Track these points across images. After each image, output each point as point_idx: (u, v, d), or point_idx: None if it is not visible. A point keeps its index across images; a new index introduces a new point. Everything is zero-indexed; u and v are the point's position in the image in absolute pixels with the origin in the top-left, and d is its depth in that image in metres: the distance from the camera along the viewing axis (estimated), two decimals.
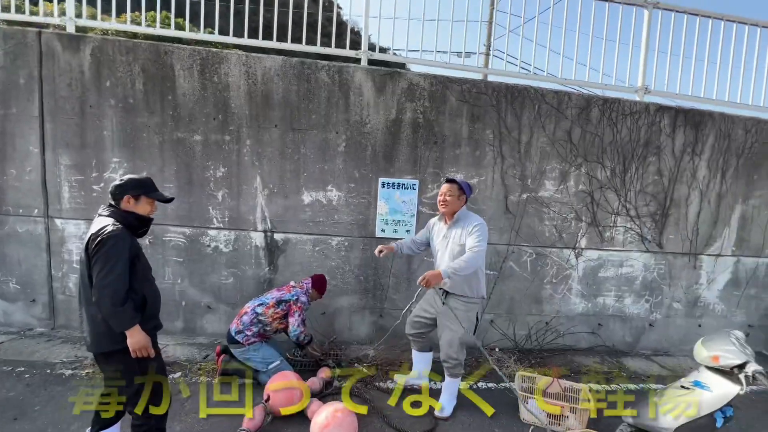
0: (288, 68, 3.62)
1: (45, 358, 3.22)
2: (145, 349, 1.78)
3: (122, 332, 1.75)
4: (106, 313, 1.71)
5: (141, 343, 1.76)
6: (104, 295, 1.68)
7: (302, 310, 3.07)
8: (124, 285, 1.73)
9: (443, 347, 2.73)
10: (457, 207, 2.67)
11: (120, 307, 1.70)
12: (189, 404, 2.70)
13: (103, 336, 1.77)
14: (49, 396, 2.70)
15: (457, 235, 2.64)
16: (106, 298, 1.68)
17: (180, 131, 3.63)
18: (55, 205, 3.66)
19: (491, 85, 3.82)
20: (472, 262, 2.44)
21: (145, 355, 1.79)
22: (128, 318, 1.72)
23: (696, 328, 4.42)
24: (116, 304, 1.69)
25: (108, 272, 1.69)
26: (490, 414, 2.31)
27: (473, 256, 2.45)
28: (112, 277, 1.69)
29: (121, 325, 1.72)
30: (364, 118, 3.72)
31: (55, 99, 3.54)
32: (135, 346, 1.75)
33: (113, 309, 1.68)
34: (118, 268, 1.71)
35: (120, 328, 1.73)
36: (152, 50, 3.55)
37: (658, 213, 4.16)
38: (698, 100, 4.26)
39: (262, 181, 3.72)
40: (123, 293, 1.72)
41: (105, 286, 1.68)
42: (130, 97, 3.57)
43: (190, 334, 3.86)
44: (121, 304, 1.70)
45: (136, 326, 1.75)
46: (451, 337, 2.67)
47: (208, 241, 3.77)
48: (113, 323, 1.72)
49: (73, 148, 3.60)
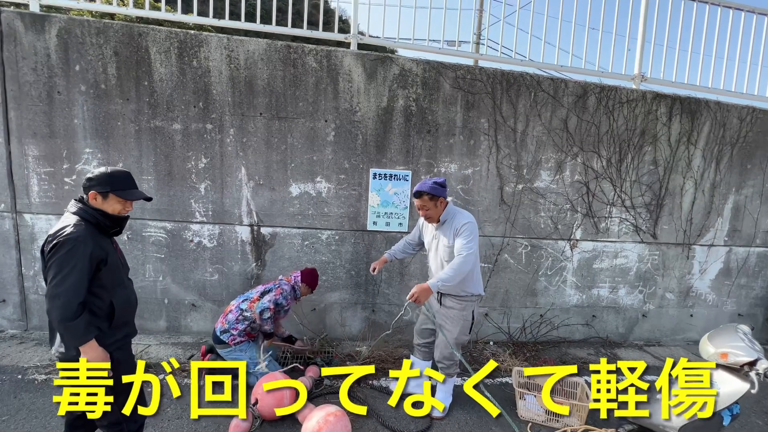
0: (273, 52, 3.42)
1: (16, 363, 3.02)
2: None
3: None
4: (56, 327, 1.53)
5: (95, 361, 1.58)
6: (54, 307, 1.50)
7: (280, 294, 2.87)
8: (78, 296, 1.53)
9: (438, 347, 2.65)
10: (440, 212, 2.49)
11: (71, 321, 1.51)
12: (171, 410, 2.55)
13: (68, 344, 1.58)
14: (19, 404, 2.52)
15: (445, 235, 2.51)
16: (56, 311, 1.49)
17: (158, 119, 3.40)
18: (24, 200, 3.41)
19: (486, 71, 3.67)
20: (460, 269, 2.30)
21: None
22: (80, 333, 1.53)
23: (688, 317, 4.43)
24: (67, 318, 1.50)
25: (60, 281, 1.50)
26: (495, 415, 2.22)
27: (461, 262, 2.30)
28: (63, 287, 1.50)
29: (72, 341, 1.54)
30: (354, 105, 3.55)
31: (19, 84, 3.27)
32: (89, 363, 1.57)
33: (63, 324, 1.50)
34: (72, 277, 1.52)
35: (71, 344, 1.55)
36: (125, 32, 3.29)
37: (652, 203, 4.11)
38: (694, 89, 4.20)
39: (247, 173, 3.53)
40: (76, 305, 1.52)
41: (55, 297, 1.50)
42: (102, 83, 3.32)
43: (174, 333, 3.69)
44: (72, 317, 1.51)
45: (90, 342, 1.56)
46: (445, 337, 2.58)
47: (190, 236, 3.58)
48: (63, 338, 1.55)
49: (41, 138, 3.34)
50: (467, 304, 2.56)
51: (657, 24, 4.05)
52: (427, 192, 2.39)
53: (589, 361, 3.75)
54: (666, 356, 4.01)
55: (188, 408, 2.55)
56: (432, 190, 2.40)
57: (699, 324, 4.45)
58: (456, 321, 2.55)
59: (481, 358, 3.63)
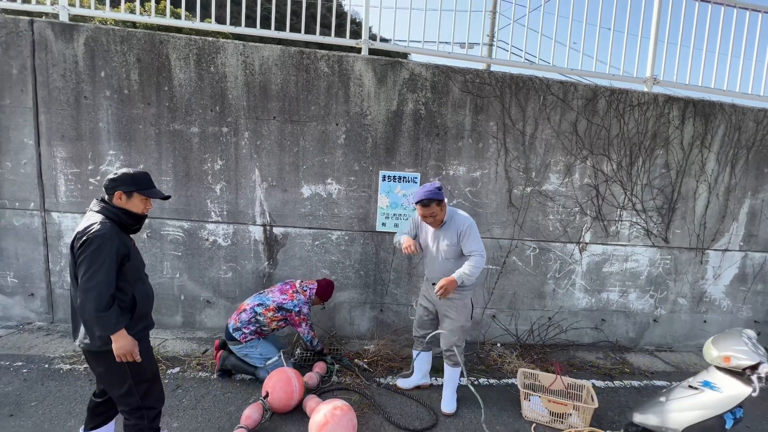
0: (286, 58, 3.53)
1: (43, 353, 3.20)
2: (130, 354, 1.70)
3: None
4: (89, 318, 1.64)
5: (126, 348, 1.69)
6: (88, 299, 1.61)
7: (306, 320, 3.05)
8: (109, 288, 1.65)
9: (445, 336, 2.73)
10: (444, 215, 2.61)
11: (104, 312, 1.62)
12: (186, 400, 2.67)
13: (92, 335, 1.70)
14: (46, 391, 2.67)
15: (446, 235, 2.63)
16: (90, 303, 1.61)
17: (177, 123, 3.55)
18: (52, 199, 3.61)
19: (495, 75, 3.71)
20: (479, 264, 2.52)
21: (130, 360, 1.72)
22: (113, 323, 1.65)
23: (701, 323, 4.36)
24: (100, 309, 1.62)
25: (92, 275, 1.62)
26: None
27: (480, 260, 2.53)
28: (96, 280, 1.62)
29: (105, 330, 1.65)
30: (364, 109, 3.64)
31: (49, 90, 3.47)
32: (119, 351, 1.68)
33: (97, 314, 1.61)
34: (103, 271, 1.63)
35: (104, 333, 1.66)
36: (147, 39, 3.46)
37: (664, 207, 4.07)
38: (708, 91, 4.14)
39: (261, 174, 3.65)
40: (107, 297, 1.64)
41: (89, 290, 1.61)
42: (126, 88, 3.49)
43: (189, 329, 3.84)
44: (105, 309, 1.63)
45: (120, 331, 1.68)
46: (452, 326, 2.70)
47: (206, 235, 3.71)
48: (97, 328, 1.66)
49: (68, 140, 3.54)
50: (467, 293, 2.71)
51: (670, 25, 4.02)
52: (434, 198, 2.47)
53: (597, 365, 3.73)
54: (678, 362, 3.96)
55: (202, 399, 2.68)
56: (438, 195, 2.49)
57: (713, 330, 4.37)
58: (459, 309, 2.69)
59: (488, 360, 3.66)
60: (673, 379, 3.59)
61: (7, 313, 3.76)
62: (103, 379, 1.79)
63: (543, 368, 3.48)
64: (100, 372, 1.78)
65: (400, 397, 2.92)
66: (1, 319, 3.75)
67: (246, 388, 2.90)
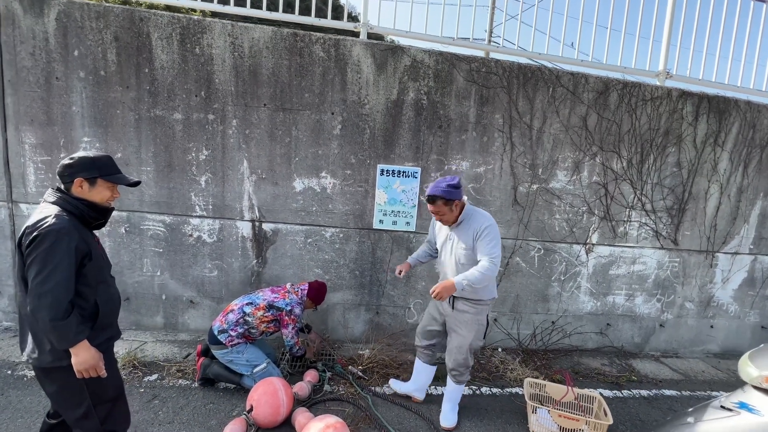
0: (279, 40, 3.26)
1: (7, 357, 2.92)
2: (93, 369, 1.45)
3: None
4: (43, 328, 1.38)
5: (89, 363, 1.43)
6: (41, 306, 1.35)
7: (296, 323, 2.81)
8: (68, 293, 1.39)
9: (451, 353, 2.47)
10: (456, 214, 2.31)
11: (61, 320, 1.37)
12: (163, 413, 2.43)
13: (42, 349, 1.44)
14: (6, 402, 2.41)
15: (461, 236, 2.33)
16: (44, 310, 1.35)
17: (158, 108, 3.27)
18: (20, 189, 3.31)
19: (503, 64, 3.48)
20: (489, 272, 2.14)
21: (94, 375, 1.46)
22: (72, 333, 1.39)
23: (708, 329, 4.21)
24: (57, 318, 1.36)
25: (47, 277, 1.35)
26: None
27: (490, 267, 2.15)
28: (51, 283, 1.36)
29: (62, 342, 1.39)
30: (362, 98, 3.39)
31: (17, 69, 3.16)
32: (81, 366, 1.42)
33: (52, 323, 1.35)
34: (59, 273, 1.37)
35: (62, 345, 1.40)
36: (126, 16, 3.16)
37: (674, 207, 3.89)
38: (723, 87, 3.96)
39: (250, 166, 3.39)
40: (66, 303, 1.38)
41: (42, 295, 1.35)
42: (102, 69, 3.20)
43: (171, 331, 3.58)
44: (62, 317, 1.37)
45: (82, 342, 1.42)
46: (460, 343, 2.42)
47: (190, 231, 3.45)
48: (53, 339, 1.40)
49: (38, 125, 3.23)
50: (482, 309, 2.39)
51: (685, 18, 3.81)
52: (441, 196, 2.21)
53: (603, 372, 3.56)
54: (685, 369, 3.81)
55: (181, 411, 2.43)
56: (446, 194, 2.20)
57: (720, 336, 4.23)
58: (470, 326, 2.39)
59: (488, 366, 3.46)
60: (683, 387, 3.43)
61: None
62: (56, 400, 1.53)
63: (548, 376, 3.29)
64: (52, 392, 1.51)
65: (398, 408, 2.70)
66: None
67: (230, 398, 2.66)
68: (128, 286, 3.46)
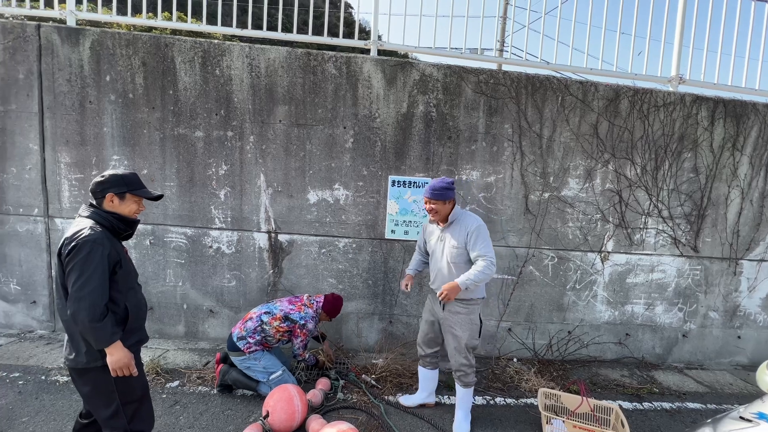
0: (293, 60, 3.43)
1: (41, 363, 3.10)
2: (126, 368, 1.58)
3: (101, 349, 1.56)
4: (82, 329, 1.52)
5: (122, 362, 1.57)
6: (80, 309, 1.49)
7: (306, 337, 2.90)
8: (103, 297, 1.54)
9: (452, 355, 2.52)
10: (447, 211, 2.47)
11: (98, 322, 1.51)
12: (184, 418, 2.52)
13: (79, 350, 1.58)
14: (39, 405, 2.56)
15: (452, 236, 2.46)
16: (83, 312, 1.49)
17: (181, 127, 3.47)
18: (55, 204, 3.55)
19: (511, 75, 3.54)
20: (488, 270, 2.30)
21: (127, 374, 1.59)
22: (108, 334, 1.53)
23: (735, 339, 4.05)
24: (94, 320, 1.50)
25: (84, 283, 1.50)
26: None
27: (488, 265, 2.30)
28: (89, 288, 1.50)
29: (99, 342, 1.53)
30: (373, 112, 3.50)
31: (55, 95, 3.43)
32: (115, 364, 1.56)
33: (91, 324, 1.49)
34: (96, 279, 1.51)
35: (99, 346, 1.54)
36: (152, 43, 3.40)
37: (693, 214, 3.81)
38: (740, 91, 3.89)
39: (266, 180, 3.54)
40: (102, 306, 1.53)
41: (81, 299, 1.49)
42: (130, 92, 3.43)
43: (192, 339, 3.71)
44: (99, 319, 1.51)
45: (117, 342, 1.56)
46: (456, 344, 2.48)
47: (210, 242, 3.60)
48: (91, 340, 1.53)
49: (72, 146, 3.48)
50: (473, 308, 2.48)
51: (696, 21, 3.79)
52: (438, 191, 2.40)
53: (623, 383, 3.47)
54: (711, 382, 3.66)
55: (201, 417, 2.52)
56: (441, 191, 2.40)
57: (748, 347, 4.06)
58: (464, 325, 2.46)
59: (503, 376, 3.43)
60: (708, 401, 3.31)
61: (10, 320, 3.69)
62: (89, 400, 1.65)
63: (564, 387, 3.24)
64: (86, 392, 1.64)
65: (411, 417, 2.72)
66: (4, 326, 3.69)
67: (247, 405, 2.74)
68: (152, 296, 3.62)
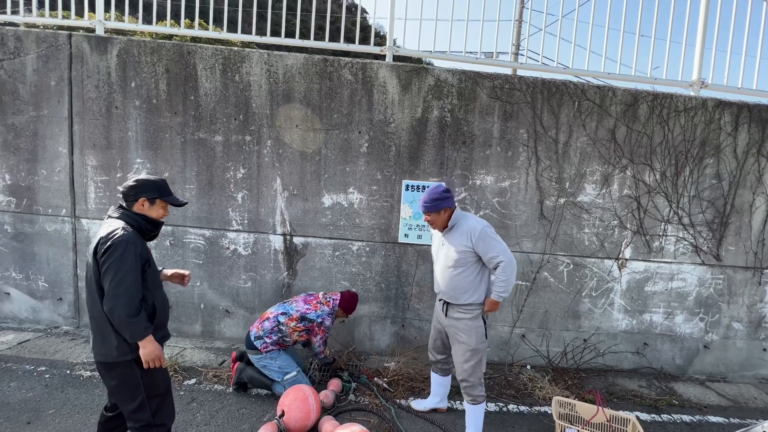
0: (310, 66, 3.50)
1: (66, 358, 3.22)
2: (158, 359, 1.68)
3: (131, 343, 1.65)
4: (119, 324, 1.61)
5: (154, 353, 1.67)
6: (118, 305, 1.58)
7: (325, 333, 2.94)
8: (138, 293, 1.63)
9: (457, 363, 2.46)
10: (444, 219, 2.42)
11: (135, 317, 1.60)
12: (200, 415, 2.59)
13: (110, 345, 1.66)
14: (65, 399, 2.66)
15: (452, 241, 2.40)
16: (121, 308, 1.57)
17: (201, 132, 3.58)
18: (82, 205, 3.69)
19: (526, 80, 3.53)
20: (508, 270, 2.26)
21: (158, 365, 1.69)
22: (142, 328, 1.63)
23: (760, 351, 3.90)
24: (131, 314, 1.59)
25: (121, 280, 1.58)
26: None
27: (504, 265, 2.25)
28: (125, 285, 1.59)
29: (135, 336, 1.62)
30: (388, 117, 3.54)
31: (83, 100, 3.58)
32: (148, 356, 1.65)
33: (128, 319, 1.59)
34: (131, 276, 1.61)
35: (134, 339, 1.63)
36: (176, 50, 3.52)
37: (715, 221, 3.71)
38: (764, 95, 3.77)
39: (282, 183, 3.61)
40: (137, 301, 1.62)
41: (118, 296, 1.58)
42: (154, 98, 3.56)
43: (208, 338, 3.80)
44: (135, 314, 1.60)
45: (149, 336, 1.66)
46: (463, 350, 2.40)
47: (227, 244, 3.69)
48: (127, 334, 1.62)
49: (99, 149, 3.63)
50: (476, 312, 2.41)
51: (719, 24, 3.71)
52: (429, 204, 2.36)
53: (641, 394, 3.39)
54: (735, 395, 3.54)
55: (216, 414, 2.58)
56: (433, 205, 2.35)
57: None
58: (469, 330, 2.39)
59: (516, 383, 3.39)
60: (731, 414, 3.20)
61: (37, 316, 3.85)
62: (116, 393, 1.73)
63: (579, 396, 3.18)
64: (113, 385, 1.71)
65: (422, 422, 2.72)
66: (32, 322, 3.85)
67: (262, 404, 2.79)
68: (171, 296, 3.72)
